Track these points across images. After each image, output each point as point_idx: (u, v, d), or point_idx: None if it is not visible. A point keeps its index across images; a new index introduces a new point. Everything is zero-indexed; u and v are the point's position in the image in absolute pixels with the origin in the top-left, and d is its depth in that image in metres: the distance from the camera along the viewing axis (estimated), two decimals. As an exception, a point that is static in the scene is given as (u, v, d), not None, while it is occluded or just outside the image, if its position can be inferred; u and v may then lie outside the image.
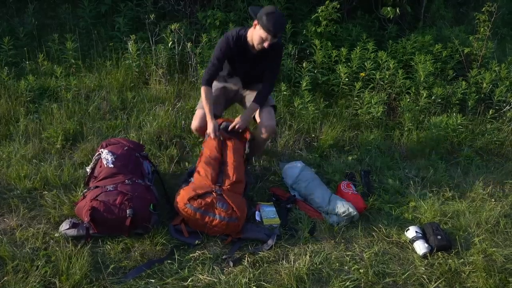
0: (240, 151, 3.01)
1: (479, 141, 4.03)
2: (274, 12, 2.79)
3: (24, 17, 4.81)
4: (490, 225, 3.04)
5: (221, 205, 2.66)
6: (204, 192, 2.68)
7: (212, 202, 2.66)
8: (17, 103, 3.76)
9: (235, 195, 2.75)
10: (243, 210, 2.73)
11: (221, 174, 2.82)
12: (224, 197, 2.69)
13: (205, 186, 2.72)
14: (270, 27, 2.77)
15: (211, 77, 3.03)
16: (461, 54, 4.69)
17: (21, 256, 2.37)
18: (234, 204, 2.67)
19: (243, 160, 3.00)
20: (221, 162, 2.89)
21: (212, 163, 2.85)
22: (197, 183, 2.76)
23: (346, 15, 5.09)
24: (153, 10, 4.76)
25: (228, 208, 2.66)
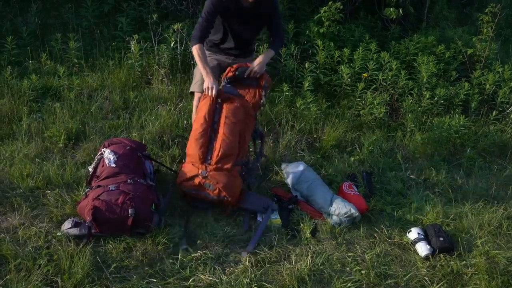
0: (237, 115, 2.87)
1: (482, 143, 4.02)
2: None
3: (27, 17, 4.82)
4: (492, 227, 3.03)
5: (208, 186, 2.77)
6: (191, 176, 2.77)
7: (199, 184, 2.77)
8: (20, 102, 3.77)
9: (221, 174, 2.77)
10: (231, 188, 2.79)
11: (209, 151, 2.80)
12: (208, 178, 2.75)
13: (192, 169, 2.79)
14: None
15: (202, 34, 2.93)
16: (464, 55, 4.68)
17: (24, 254, 2.38)
18: (219, 184, 2.75)
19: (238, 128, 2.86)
20: (210, 133, 2.83)
21: (199, 140, 2.80)
22: (186, 166, 2.83)
23: (349, 15, 5.07)
24: (156, 10, 4.76)
25: (214, 188, 2.76)
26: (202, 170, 2.76)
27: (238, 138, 2.85)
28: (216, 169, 2.77)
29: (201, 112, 2.85)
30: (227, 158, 2.79)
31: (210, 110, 2.84)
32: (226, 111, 2.85)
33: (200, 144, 2.80)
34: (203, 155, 2.79)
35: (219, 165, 2.77)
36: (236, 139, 2.84)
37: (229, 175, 2.80)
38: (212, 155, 2.79)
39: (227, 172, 2.79)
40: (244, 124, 2.90)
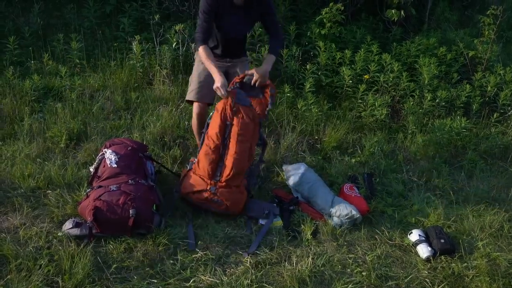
0: (248, 135, 2.87)
1: (483, 145, 4.02)
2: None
3: (29, 17, 4.83)
4: (494, 229, 3.03)
5: (216, 201, 2.79)
6: (199, 190, 2.80)
7: (207, 198, 2.80)
8: (22, 102, 3.78)
9: (230, 191, 2.80)
10: (238, 204, 2.84)
11: (219, 168, 2.82)
12: (217, 195, 2.77)
13: (201, 183, 2.81)
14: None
15: (205, 35, 2.90)
16: (465, 57, 4.68)
17: (24, 254, 2.38)
18: (227, 201, 2.79)
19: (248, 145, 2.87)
20: (221, 150, 2.84)
21: (210, 156, 2.82)
22: (194, 178, 2.84)
23: (351, 17, 5.08)
24: (158, 10, 4.77)
25: (222, 204, 2.79)
26: (211, 186, 2.78)
27: (247, 154, 2.88)
28: (225, 186, 2.79)
29: (213, 129, 2.85)
30: (237, 176, 2.82)
31: (221, 127, 2.84)
32: (237, 127, 2.83)
33: (210, 160, 2.81)
34: (213, 171, 2.81)
35: (229, 182, 2.80)
36: (246, 155, 2.87)
37: (237, 191, 2.83)
38: (222, 172, 2.81)
39: (236, 189, 2.83)
40: (252, 138, 2.92)
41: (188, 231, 2.72)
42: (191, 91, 3.08)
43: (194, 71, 3.14)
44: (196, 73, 3.10)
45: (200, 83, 3.04)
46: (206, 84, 2.99)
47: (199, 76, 3.06)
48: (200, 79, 3.04)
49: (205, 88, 3.02)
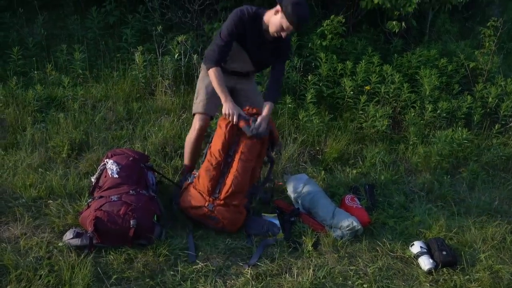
0: (254, 155, 2.82)
1: (485, 156, 4.01)
2: (301, 3, 2.60)
3: (33, 28, 4.88)
4: (496, 241, 3.01)
5: (213, 218, 2.78)
6: (197, 206, 2.78)
7: (204, 214, 2.78)
8: (24, 112, 3.80)
9: (228, 210, 2.77)
10: (235, 224, 2.82)
11: (219, 185, 2.79)
12: (215, 213, 2.75)
13: (199, 199, 2.79)
14: (294, 19, 2.60)
15: (221, 57, 2.77)
16: (466, 68, 4.69)
17: (25, 265, 2.38)
18: (224, 220, 2.77)
19: (253, 165, 2.82)
20: (223, 167, 2.79)
21: (210, 172, 2.78)
22: (194, 193, 2.82)
23: (352, 29, 5.11)
24: (161, 22, 4.81)
25: (219, 222, 2.77)
26: (209, 203, 2.76)
27: (249, 176, 2.83)
28: (223, 205, 2.76)
29: (216, 146, 2.80)
30: (236, 195, 2.78)
31: (224, 145, 2.78)
32: (243, 146, 2.78)
33: (210, 176, 2.78)
34: (212, 188, 2.78)
35: (227, 200, 2.76)
36: (248, 176, 2.82)
37: (236, 211, 2.80)
38: (221, 190, 2.77)
39: (234, 208, 2.79)
40: (257, 161, 2.88)
41: (188, 242, 2.71)
42: (199, 103, 3.01)
43: (200, 83, 3.07)
44: (203, 85, 3.03)
45: (207, 95, 2.98)
46: (214, 97, 2.94)
47: (206, 88, 2.99)
48: (208, 91, 2.98)
49: (212, 100, 2.97)
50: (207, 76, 2.95)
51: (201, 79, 3.09)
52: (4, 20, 4.85)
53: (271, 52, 2.92)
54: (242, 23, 2.73)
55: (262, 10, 2.79)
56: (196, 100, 3.04)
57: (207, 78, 2.96)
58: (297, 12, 2.61)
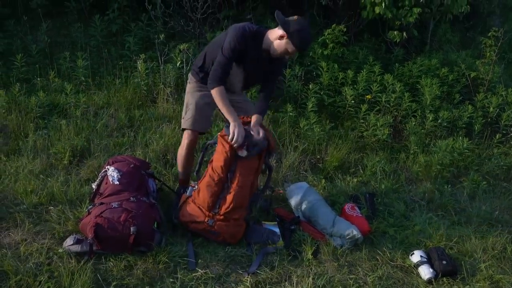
0: (253, 170, 2.82)
1: (485, 166, 4.02)
2: (305, 29, 2.67)
3: (37, 35, 4.92)
4: (496, 251, 3.01)
5: (212, 232, 2.78)
6: (197, 221, 2.78)
7: (204, 229, 2.78)
8: (27, 118, 3.82)
9: (228, 224, 2.77)
10: (235, 237, 2.82)
11: (219, 200, 2.77)
12: (215, 228, 2.75)
13: (199, 214, 2.78)
14: (300, 45, 2.70)
15: (224, 76, 2.74)
16: (467, 78, 4.71)
17: (25, 271, 2.38)
18: (225, 234, 2.78)
19: (252, 179, 2.83)
20: (224, 183, 2.79)
21: (212, 188, 2.77)
22: (193, 208, 2.81)
23: (353, 38, 5.14)
24: (163, 30, 4.85)
25: (219, 236, 2.78)
26: (209, 219, 2.76)
27: (249, 189, 2.83)
28: (223, 219, 2.76)
29: (218, 162, 2.78)
30: (237, 209, 2.78)
31: (227, 161, 2.75)
32: (243, 162, 2.78)
33: (211, 192, 2.77)
34: (212, 203, 2.77)
35: (227, 215, 2.76)
36: (248, 190, 2.82)
37: (236, 224, 2.80)
38: (221, 205, 2.76)
39: (234, 222, 2.79)
40: (256, 173, 2.87)
41: (188, 249, 2.71)
42: (188, 119, 2.97)
43: (189, 98, 3.01)
44: (192, 100, 2.97)
45: (197, 111, 2.95)
46: (204, 113, 2.95)
47: (196, 104, 2.96)
48: (198, 107, 2.95)
49: (202, 117, 2.97)
50: (197, 91, 2.96)
51: (190, 93, 3.03)
52: (8, 28, 4.90)
53: (265, 71, 2.92)
54: (244, 39, 2.72)
55: (262, 29, 2.81)
56: (186, 116, 3.00)
57: (197, 93, 2.97)
58: (302, 38, 2.68)
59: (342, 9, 5.01)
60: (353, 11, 4.96)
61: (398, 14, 4.61)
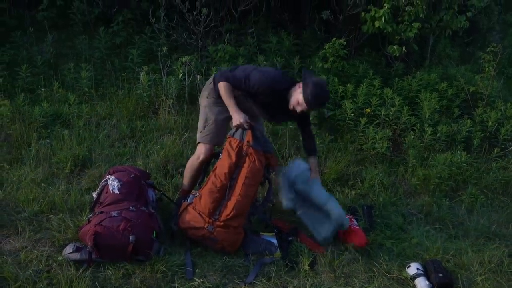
0: (256, 177, 2.87)
1: (484, 180, 4.03)
2: (321, 85, 2.76)
3: (43, 46, 5.00)
4: (493, 264, 3.02)
5: (212, 240, 2.80)
6: (197, 227, 2.80)
7: (203, 235, 2.80)
8: (30, 128, 3.87)
9: (227, 232, 2.79)
10: (234, 245, 2.84)
11: (220, 207, 2.81)
12: (214, 234, 2.78)
13: (199, 220, 2.80)
14: (309, 98, 2.75)
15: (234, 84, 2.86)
16: (466, 92, 4.75)
17: (24, 277, 2.41)
18: (224, 241, 2.80)
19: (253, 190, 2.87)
20: (226, 190, 2.82)
21: (214, 194, 2.81)
22: (193, 214, 2.83)
23: (354, 52, 5.21)
24: (166, 43, 4.93)
25: (218, 243, 2.80)
26: (209, 225, 2.78)
27: (251, 199, 2.88)
28: (223, 226, 2.78)
29: (222, 169, 2.83)
30: (237, 217, 2.81)
31: (231, 168, 2.82)
32: (247, 170, 2.82)
33: (213, 198, 2.80)
34: (213, 210, 2.80)
35: (227, 222, 2.78)
36: (250, 199, 2.87)
37: (235, 232, 2.83)
38: (221, 212, 2.79)
39: (233, 229, 2.82)
40: (258, 184, 2.92)
41: (186, 259, 2.74)
42: (207, 135, 3.03)
43: (208, 113, 3.04)
44: (212, 115, 3.02)
45: (217, 127, 3.02)
46: (222, 128, 3.04)
47: (216, 120, 3.01)
48: (218, 123, 3.01)
49: (221, 132, 3.04)
50: (215, 105, 3.01)
51: (208, 108, 3.06)
52: (14, 39, 4.99)
53: (289, 117, 3.06)
54: (271, 90, 2.85)
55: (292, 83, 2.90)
56: (204, 130, 3.04)
57: (215, 108, 3.01)
58: (315, 93, 2.74)
59: (343, 23, 5.09)
60: (354, 26, 5.04)
61: (398, 29, 4.68)
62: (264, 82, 2.84)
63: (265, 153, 2.90)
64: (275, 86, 2.87)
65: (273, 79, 2.88)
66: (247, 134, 2.88)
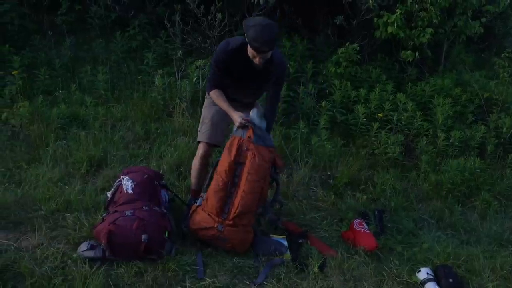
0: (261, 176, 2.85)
1: (497, 186, 4.00)
2: (260, 24, 2.60)
3: (61, 50, 5.12)
4: (505, 271, 2.99)
5: (222, 240, 2.83)
6: (207, 227, 2.84)
7: (213, 235, 2.83)
8: (48, 129, 3.96)
9: (237, 230, 2.82)
10: (244, 244, 2.87)
11: (227, 205, 2.83)
12: (224, 233, 2.80)
13: (209, 220, 2.84)
14: (252, 42, 2.61)
15: (217, 82, 2.91)
16: (481, 98, 4.72)
17: (40, 273, 2.47)
18: (234, 240, 2.82)
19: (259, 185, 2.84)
20: (230, 188, 2.83)
21: (218, 193, 2.83)
22: (202, 215, 2.87)
23: (367, 57, 5.22)
24: (181, 47, 5.01)
25: (228, 243, 2.83)
26: (219, 224, 2.81)
27: (258, 196, 2.87)
28: (232, 225, 2.80)
29: (222, 167, 2.86)
30: (244, 215, 2.83)
31: (231, 165, 2.82)
32: (249, 167, 2.82)
33: (218, 197, 2.83)
34: (221, 209, 2.83)
35: (236, 220, 2.81)
36: (256, 196, 2.86)
37: (244, 231, 2.86)
38: (229, 210, 2.82)
39: (243, 228, 2.84)
40: (264, 180, 2.90)
41: (197, 258, 2.78)
42: (204, 132, 3.08)
43: (206, 112, 3.13)
44: (208, 114, 3.10)
45: (213, 125, 3.06)
46: (219, 127, 3.07)
47: (212, 118, 3.07)
48: (213, 122, 3.07)
49: (217, 130, 3.08)
50: (213, 105, 3.07)
51: (206, 108, 3.15)
52: (34, 42, 5.12)
53: (263, 80, 2.92)
54: (224, 54, 2.81)
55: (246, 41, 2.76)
56: (201, 128, 3.11)
57: (213, 107, 3.07)
58: (254, 36, 2.60)
59: (356, 29, 5.10)
60: (367, 31, 5.05)
61: (411, 34, 4.68)
62: (219, 50, 2.85)
63: (268, 147, 2.89)
64: (229, 46, 2.80)
65: (224, 42, 2.86)
66: (248, 131, 2.89)
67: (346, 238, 3.16)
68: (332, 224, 3.35)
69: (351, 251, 3.04)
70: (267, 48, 2.66)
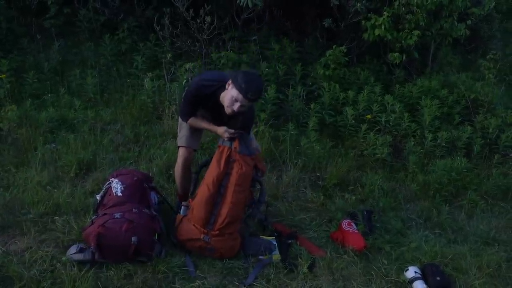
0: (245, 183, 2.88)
1: (484, 186, 4.05)
2: (251, 73, 2.72)
3: (49, 53, 5.10)
4: (491, 269, 3.04)
5: (209, 250, 2.84)
6: (193, 238, 2.84)
7: (200, 246, 2.84)
8: (36, 132, 3.94)
9: (223, 239, 2.83)
10: (232, 250, 2.88)
11: (213, 216, 2.82)
12: (211, 244, 2.81)
13: (194, 232, 2.84)
14: (243, 85, 2.61)
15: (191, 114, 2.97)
16: (467, 99, 4.79)
17: (29, 277, 2.47)
18: (221, 249, 2.83)
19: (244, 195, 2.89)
20: (216, 198, 2.83)
21: (204, 204, 2.82)
22: (188, 226, 2.87)
23: (355, 59, 5.27)
24: (170, 50, 5.01)
25: (216, 252, 2.83)
26: (204, 235, 2.81)
27: (242, 205, 2.92)
28: (219, 235, 2.81)
29: (209, 178, 2.85)
30: (231, 224, 2.84)
31: (218, 176, 2.83)
32: (235, 178, 2.83)
33: (204, 209, 2.83)
34: (206, 220, 2.83)
35: (222, 230, 2.82)
36: (242, 205, 2.91)
37: (231, 238, 2.87)
38: (215, 221, 2.82)
39: (229, 236, 2.85)
40: (247, 189, 2.93)
41: (186, 260, 2.79)
42: (182, 137, 3.09)
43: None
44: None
45: (190, 130, 3.07)
46: (196, 133, 3.09)
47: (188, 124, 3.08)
48: (189, 127, 3.07)
49: (194, 135, 3.10)
50: None
51: None
52: (22, 46, 5.10)
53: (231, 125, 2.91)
54: (197, 97, 2.88)
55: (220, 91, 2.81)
56: (180, 134, 3.13)
57: None
58: (246, 80, 2.63)
59: (344, 31, 5.15)
60: (355, 34, 5.10)
61: (398, 36, 4.74)
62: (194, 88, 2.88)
63: (251, 156, 2.91)
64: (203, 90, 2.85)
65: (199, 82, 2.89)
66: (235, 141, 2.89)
67: (335, 238, 3.19)
68: (321, 224, 3.38)
69: (340, 251, 3.07)
70: (255, 96, 2.71)
